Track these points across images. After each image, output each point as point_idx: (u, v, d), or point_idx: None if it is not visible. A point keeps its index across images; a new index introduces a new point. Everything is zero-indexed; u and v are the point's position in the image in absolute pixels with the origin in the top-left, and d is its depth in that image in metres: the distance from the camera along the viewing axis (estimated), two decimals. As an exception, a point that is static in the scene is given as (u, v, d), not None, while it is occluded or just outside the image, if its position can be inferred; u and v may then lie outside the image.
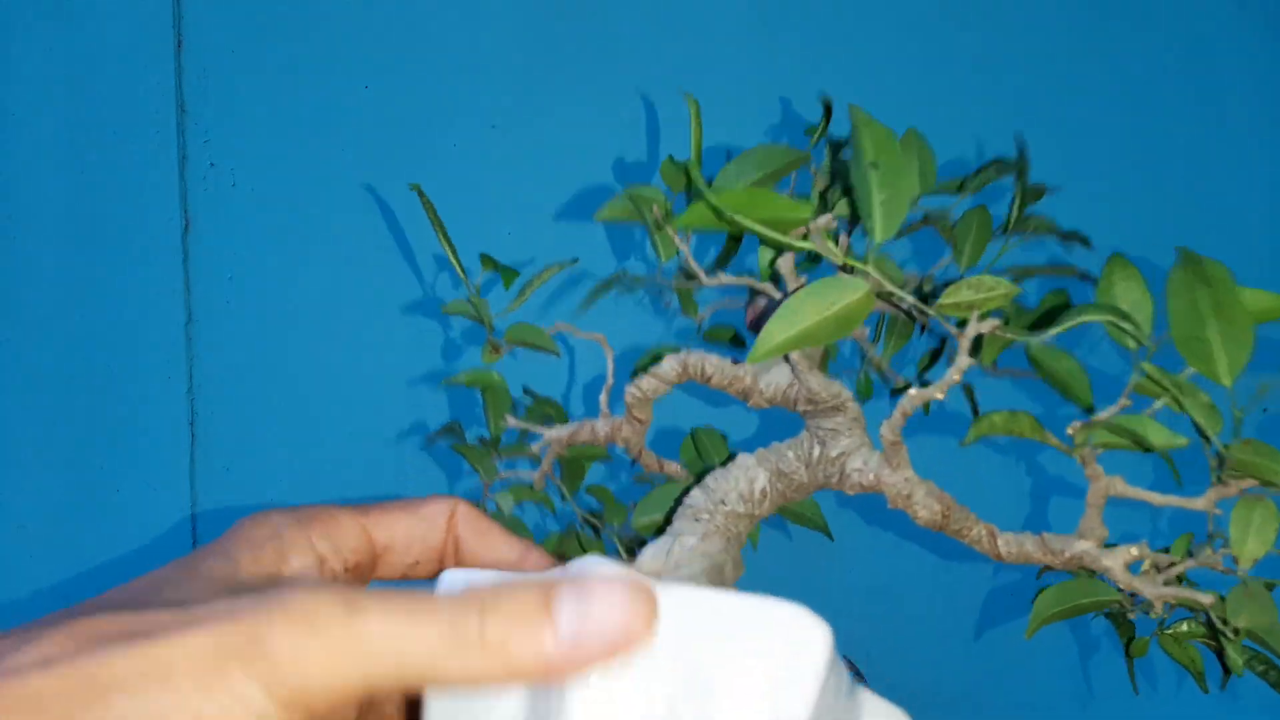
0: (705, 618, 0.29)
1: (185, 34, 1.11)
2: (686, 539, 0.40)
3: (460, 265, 0.48)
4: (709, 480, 0.43)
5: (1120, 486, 0.37)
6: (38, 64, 1.09)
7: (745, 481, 0.42)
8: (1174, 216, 1.15)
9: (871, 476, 0.42)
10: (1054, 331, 0.32)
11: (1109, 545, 0.39)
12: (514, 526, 0.53)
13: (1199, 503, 0.34)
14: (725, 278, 0.46)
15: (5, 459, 1.12)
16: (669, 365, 0.45)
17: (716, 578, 0.38)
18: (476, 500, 0.51)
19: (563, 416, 0.56)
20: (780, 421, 0.49)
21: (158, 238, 1.12)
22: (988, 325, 0.32)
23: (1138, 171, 1.14)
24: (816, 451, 0.43)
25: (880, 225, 0.32)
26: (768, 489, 0.42)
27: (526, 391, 0.58)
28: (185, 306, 1.14)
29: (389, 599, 0.28)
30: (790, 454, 0.43)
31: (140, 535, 1.15)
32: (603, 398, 0.50)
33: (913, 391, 0.37)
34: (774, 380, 0.44)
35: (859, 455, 0.43)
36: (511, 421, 0.53)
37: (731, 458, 0.47)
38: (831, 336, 0.32)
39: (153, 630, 0.28)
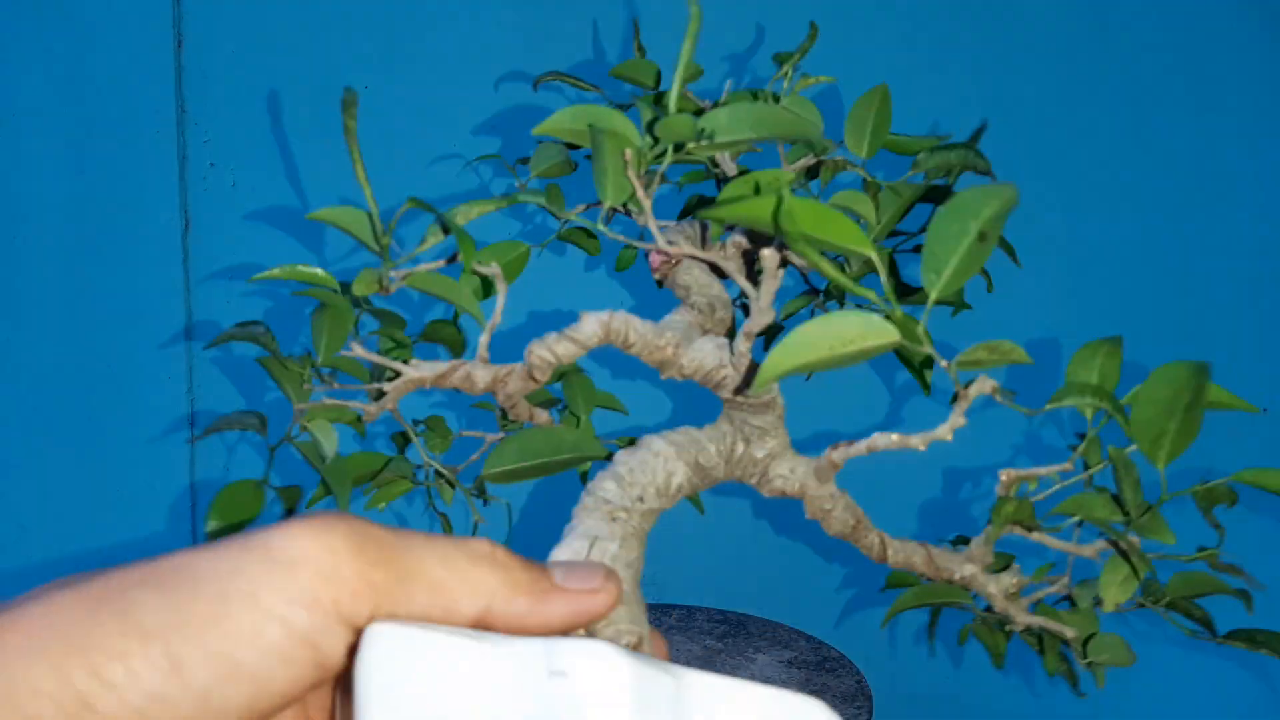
0: (721, 707, 0.29)
1: (185, 34, 1.11)
2: (606, 544, 0.36)
3: (367, 182, 0.40)
4: (620, 469, 0.38)
5: (1020, 530, 0.39)
6: (38, 64, 1.08)
7: (663, 474, 0.38)
8: (1173, 216, 1.14)
9: (796, 486, 0.40)
10: (1047, 409, 0.34)
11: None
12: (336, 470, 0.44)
13: (1087, 550, 0.39)
14: (685, 248, 0.40)
15: (4, 459, 1.12)
16: (590, 328, 0.39)
17: (634, 592, 0.35)
18: (284, 426, 0.43)
19: (407, 354, 0.46)
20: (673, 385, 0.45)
21: (158, 238, 1.12)
22: (989, 385, 0.32)
23: (1138, 171, 1.14)
24: (740, 449, 0.40)
25: (940, 287, 0.30)
26: (684, 484, 0.39)
27: (368, 308, 0.45)
28: (185, 306, 1.14)
29: (402, 529, 0.29)
30: (712, 448, 0.40)
31: (140, 534, 1.14)
32: (484, 339, 0.41)
33: (893, 437, 0.35)
34: (700, 359, 0.39)
35: (785, 461, 0.40)
36: (358, 350, 0.42)
37: (628, 441, 0.43)
38: (833, 368, 0.31)
39: (171, 555, 0.27)
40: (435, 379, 0.41)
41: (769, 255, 0.35)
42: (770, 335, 0.53)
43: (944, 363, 0.31)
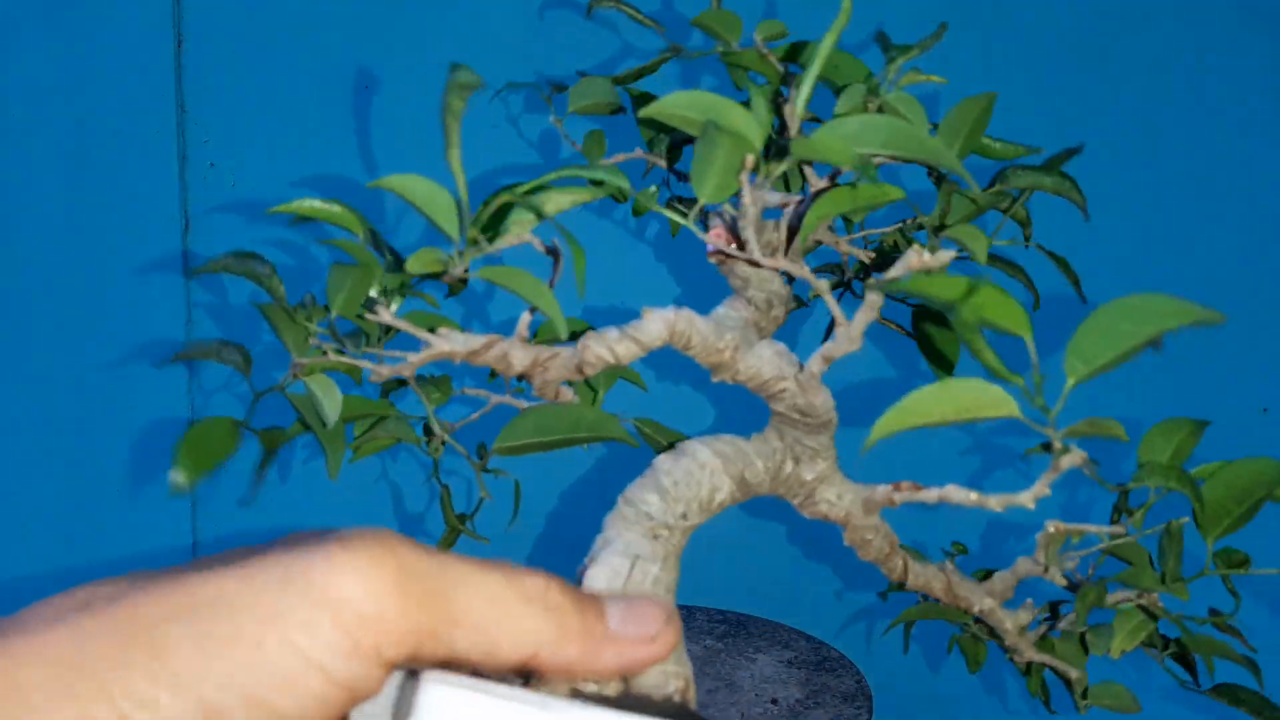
0: None
1: (185, 34, 1.11)
2: (648, 566, 0.34)
3: (462, 171, 0.34)
4: (665, 480, 0.36)
5: (1048, 575, 0.39)
6: (38, 64, 1.08)
7: (708, 489, 0.36)
8: (1173, 216, 1.14)
9: (842, 514, 0.39)
10: (1131, 488, 0.34)
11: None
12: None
13: (1108, 599, 0.39)
14: (783, 262, 0.36)
15: (4, 460, 1.12)
16: (655, 329, 0.36)
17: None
18: (275, 380, 0.39)
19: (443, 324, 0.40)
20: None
21: (158, 238, 1.12)
22: (1080, 458, 0.31)
23: (1137, 170, 1.14)
24: (789, 469, 0.38)
25: (1082, 376, 0.28)
26: (725, 500, 0.37)
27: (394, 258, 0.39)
28: (185, 307, 1.14)
29: (456, 553, 0.28)
30: (759, 464, 0.37)
31: (140, 536, 1.14)
32: (525, 316, 0.37)
33: (972, 495, 0.32)
34: (758, 366, 0.37)
35: (833, 486, 0.39)
36: (384, 314, 0.37)
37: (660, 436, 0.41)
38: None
39: (207, 567, 0.26)
40: (467, 354, 0.36)
41: (874, 293, 0.33)
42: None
43: (1055, 438, 0.30)
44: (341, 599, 0.25)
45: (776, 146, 0.34)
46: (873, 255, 0.43)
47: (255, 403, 0.37)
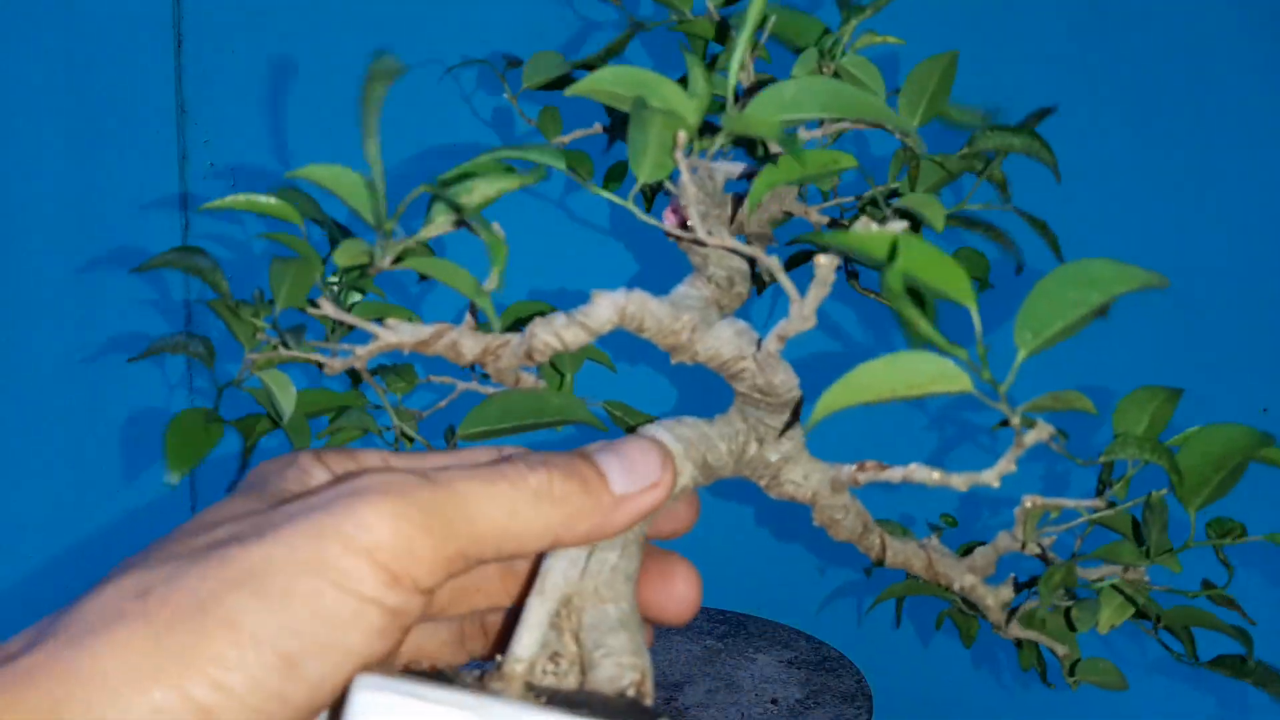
0: None
1: (185, 34, 1.11)
2: (605, 554, 0.33)
3: (379, 160, 0.34)
4: None
5: (1027, 550, 0.39)
6: (38, 64, 1.08)
7: None
8: (1173, 215, 1.14)
9: (809, 494, 0.38)
10: (1101, 461, 0.33)
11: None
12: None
13: (1093, 574, 0.39)
14: (729, 241, 0.35)
15: (4, 461, 1.12)
16: (603, 314, 0.34)
17: (633, 614, 0.33)
18: (232, 372, 0.39)
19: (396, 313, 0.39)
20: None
21: (158, 238, 1.12)
22: (1046, 433, 0.30)
23: (1137, 169, 1.14)
24: (753, 450, 0.37)
25: (1033, 348, 0.27)
26: (688, 485, 0.36)
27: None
28: (186, 307, 1.14)
29: (457, 469, 0.30)
30: (723, 447, 0.36)
31: (141, 538, 1.15)
32: (470, 314, 0.36)
33: (935, 474, 0.32)
34: (717, 346, 0.36)
35: (799, 466, 0.38)
36: (327, 308, 0.35)
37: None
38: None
39: (241, 536, 0.28)
40: (415, 344, 0.36)
41: (825, 263, 0.32)
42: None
43: (1012, 418, 0.29)
44: (374, 544, 0.28)
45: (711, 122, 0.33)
46: (845, 225, 0.42)
47: (220, 396, 0.38)
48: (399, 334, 0.36)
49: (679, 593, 0.37)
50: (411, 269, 0.35)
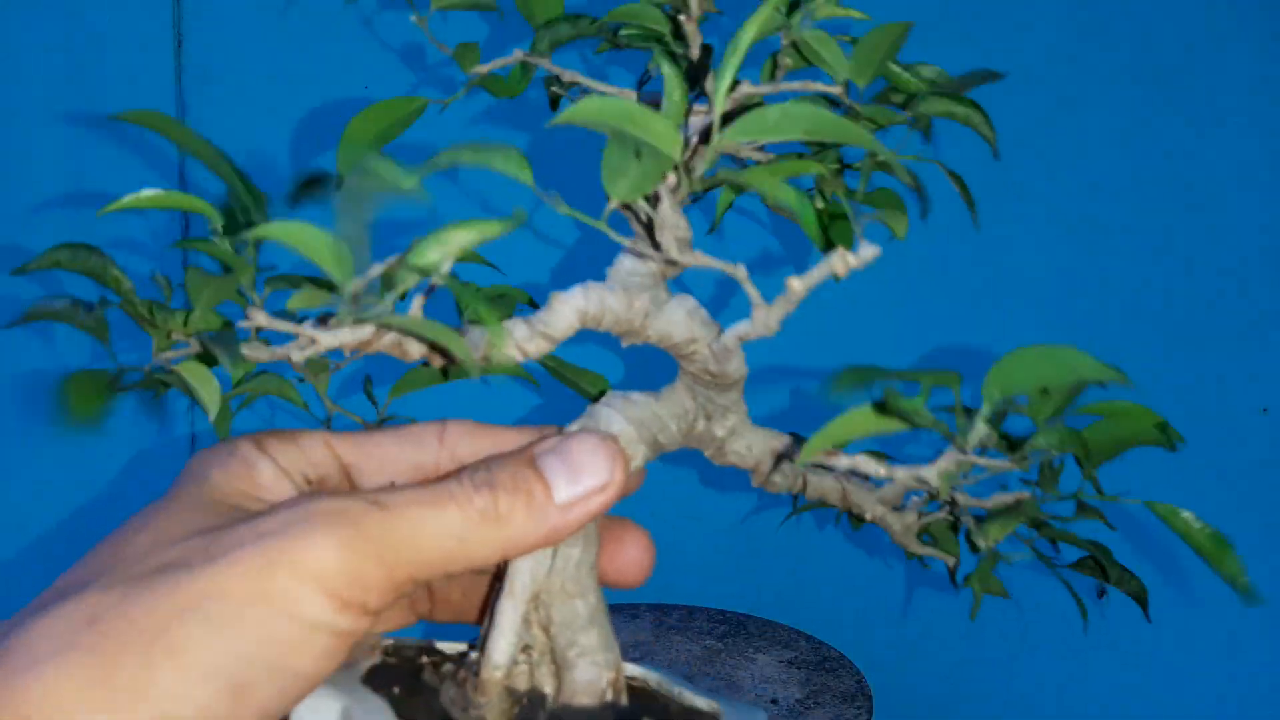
0: None
1: (185, 34, 1.11)
2: (570, 550, 0.34)
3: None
4: None
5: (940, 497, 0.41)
6: (38, 63, 1.09)
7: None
8: (1173, 215, 1.14)
9: (752, 463, 0.40)
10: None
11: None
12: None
13: (987, 503, 0.40)
14: (703, 258, 0.35)
15: (5, 461, 1.12)
16: (565, 321, 0.34)
17: (601, 608, 0.34)
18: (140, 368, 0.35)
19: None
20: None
21: (158, 238, 1.12)
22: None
23: (1137, 168, 1.14)
24: (701, 425, 0.38)
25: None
26: (640, 465, 0.36)
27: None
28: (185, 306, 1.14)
29: (405, 492, 0.30)
30: (673, 426, 0.37)
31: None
32: (419, 300, 0.33)
33: (900, 473, 0.34)
34: (668, 330, 0.36)
35: (743, 438, 0.39)
36: (258, 318, 0.32)
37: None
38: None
39: (189, 561, 0.28)
40: (357, 344, 0.33)
41: (797, 287, 0.32)
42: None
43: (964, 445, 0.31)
44: (323, 572, 0.28)
45: (689, 160, 0.33)
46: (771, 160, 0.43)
47: (119, 379, 0.35)
48: (338, 335, 0.33)
49: (632, 557, 0.37)
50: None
